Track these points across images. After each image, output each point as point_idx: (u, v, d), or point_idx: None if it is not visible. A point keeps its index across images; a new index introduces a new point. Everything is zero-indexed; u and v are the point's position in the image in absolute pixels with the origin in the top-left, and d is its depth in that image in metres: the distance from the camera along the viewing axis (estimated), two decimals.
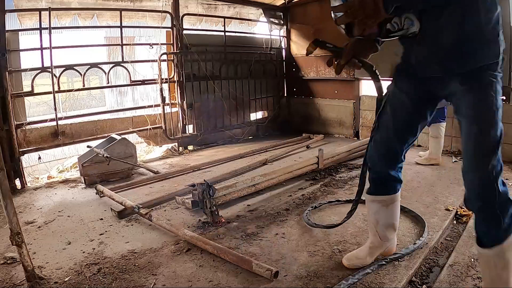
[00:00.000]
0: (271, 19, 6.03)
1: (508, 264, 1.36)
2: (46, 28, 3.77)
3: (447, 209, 2.67)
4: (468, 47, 1.35)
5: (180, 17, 4.85)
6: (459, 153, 4.20)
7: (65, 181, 3.77)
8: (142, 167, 4.02)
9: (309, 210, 2.70)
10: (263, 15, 5.98)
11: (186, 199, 2.84)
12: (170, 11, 4.78)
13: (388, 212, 1.84)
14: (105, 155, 3.54)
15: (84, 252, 2.25)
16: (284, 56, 6.32)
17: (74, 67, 4.09)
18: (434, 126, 3.72)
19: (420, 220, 2.44)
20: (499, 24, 1.34)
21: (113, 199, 2.96)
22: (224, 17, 5.42)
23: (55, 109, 3.86)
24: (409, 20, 1.44)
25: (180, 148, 5.04)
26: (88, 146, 3.83)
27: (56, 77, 3.87)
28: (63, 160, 5.20)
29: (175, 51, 4.86)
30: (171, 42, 4.89)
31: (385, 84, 1.66)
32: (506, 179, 3.38)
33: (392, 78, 1.71)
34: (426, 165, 3.82)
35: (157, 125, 4.78)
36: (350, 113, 5.53)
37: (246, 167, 3.91)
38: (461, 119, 1.44)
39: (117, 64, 4.47)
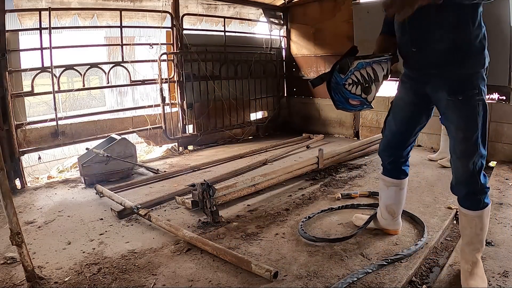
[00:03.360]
0: (271, 19, 6.02)
1: (484, 227, 1.78)
2: (46, 28, 3.77)
3: (449, 207, 2.68)
4: (459, 55, 1.65)
5: (180, 17, 4.85)
6: None
7: (65, 181, 3.77)
8: (142, 167, 4.02)
9: (302, 222, 2.47)
10: (263, 15, 5.98)
11: (186, 199, 2.84)
12: (170, 11, 4.78)
13: (388, 193, 2.20)
14: (105, 154, 3.54)
15: (84, 252, 2.25)
16: (284, 56, 6.33)
17: (74, 67, 4.09)
18: None
19: (418, 221, 2.44)
20: (485, 40, 1.66)
21: (112, 199, 2.96)
22: (224, 17, 5.42)
23: (55, 109, 3.86)
24: None
25: (180, 148, 5.04)
26: (86, 148, 3.83)
27: (56, 77, 3.87)
28: (63, 160, 5.20)
29: (175, 51, 4.86)
30: (171, 42, 4.89)
31: None
32: (506, 179, 3.40)
33: (396, 89, 2.06)
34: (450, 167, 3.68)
35: (157, 125, 4.78)
36: (350, 113, 5.52)
37: (246, 167, 3.91)
38: (448, 124, 1.79)
39: (117, 64, 4.47)
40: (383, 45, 1.93)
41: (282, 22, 6.17)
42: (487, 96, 4.10)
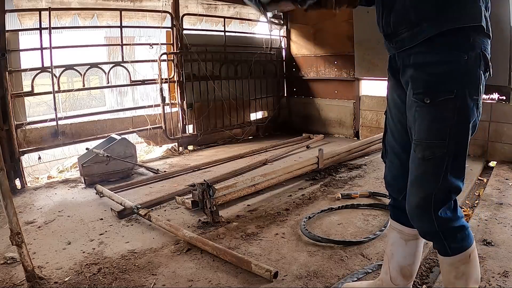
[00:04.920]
0: (271, 19, 5.98)
1: (463, 275, 1.29)
2: (46, 28, 3.77)
3: None
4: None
5: (180, 17, 4.85)
6: None
7: (65, 181, 3.77)
8: (142, 167, 4.02)
9: (304, 222, 2.46)
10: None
11: (186, 199, 2.84)
12: (170, 11, 4.78)
13: (406, 250, 1.51)
14: (105, 154, 3.54)
15: (84, 252, 2.25)
16: (284, 56, 6.32)
17: (74, 67, 4.09)
18: None
19: None
20: None
21: (112, 199, 2.96)
22: (224, 17, 5.42)
23: (55, 109, 3.86)
24: None
25: (180, 148, 5.04)
26: (86, 148, 3.83)
27: (56, 77, 3.87)
28: (63, 160, 5.19)
29: (175, 51, 4.86)
30: (171, 42, 4.88)
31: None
32: (506, 179, 3.39)
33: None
34: None
35: (157, 125, 4.78)
36: (350, 113, 5.53)
37: (246, 167, 3.91)
38: (409, 132, 1.30)
39: (117, 64, 4.47)
40: None
41: (282, 22, 6.17)
42: (485, 96, 4.18)
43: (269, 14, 1.32)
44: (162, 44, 4.78)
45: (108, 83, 4.43)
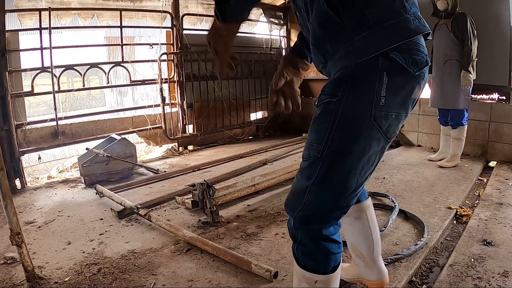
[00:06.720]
0: (271, 19, 6.02)
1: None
2: (46, 28, 3.77)
3: (449, 207, 2.68)
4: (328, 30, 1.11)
5: (180, 17, 4.85)
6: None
7: (65, 181, 3.77)
8: (142, 167, 4.02)
9: None
10: (263, 15, 5.98)
11: (186, 199, 2.84)
12: (170, 11, 4.78)
13: (345, 227, 1.54)
14: (105, 154, 3.54)
15: (84, 252, 2.25)
16: None
17: (74, 67, 4.09)
18: (457, 129, 3.70)
19: (418, 221, 2.44)
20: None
21: (112, 199, 2.96)
22: None
23: (55, 109, 3.86)
24: None
25: (180, 148, 5.04)
26: (86, 148, 3.83)
27: (56, 77, 3.87)
28: (63, 160, 5.19)
29: (175, 51, 4.86)
30: (171, 42, 4.89)
31: None
32: (506, 179, 3.39)
33: None
34: (450, 167, 3.69)
35: (157, 125, 4.78)
36: None
37: (246, 167, 3.91)
38: None
39: (117, 64, 4.47)
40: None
41: (282, 22, 6.17)
42: (485, 96, 4.20)
43: None
44: (162, 44, 4.78)
45: (108, 83, 4.43)
